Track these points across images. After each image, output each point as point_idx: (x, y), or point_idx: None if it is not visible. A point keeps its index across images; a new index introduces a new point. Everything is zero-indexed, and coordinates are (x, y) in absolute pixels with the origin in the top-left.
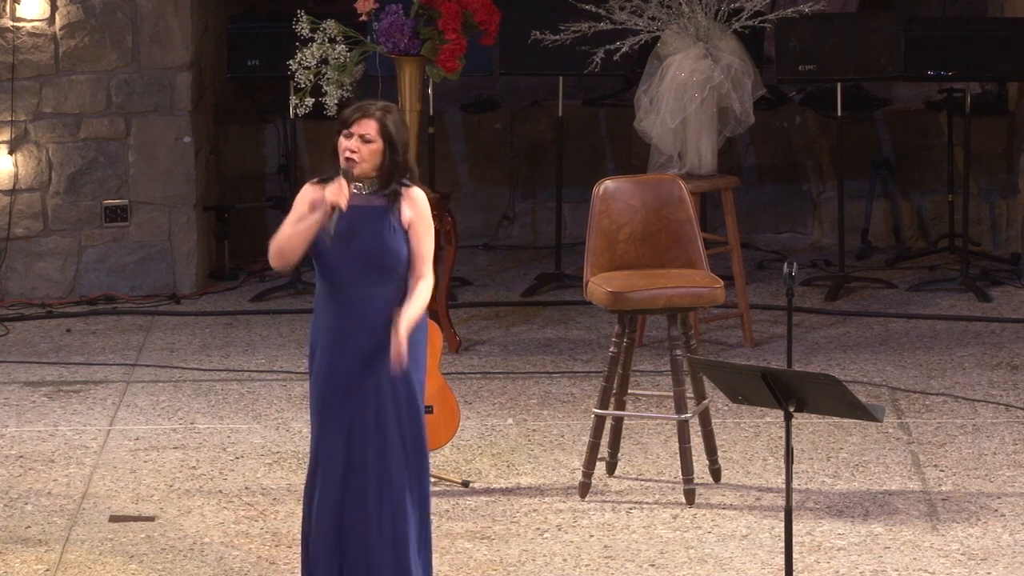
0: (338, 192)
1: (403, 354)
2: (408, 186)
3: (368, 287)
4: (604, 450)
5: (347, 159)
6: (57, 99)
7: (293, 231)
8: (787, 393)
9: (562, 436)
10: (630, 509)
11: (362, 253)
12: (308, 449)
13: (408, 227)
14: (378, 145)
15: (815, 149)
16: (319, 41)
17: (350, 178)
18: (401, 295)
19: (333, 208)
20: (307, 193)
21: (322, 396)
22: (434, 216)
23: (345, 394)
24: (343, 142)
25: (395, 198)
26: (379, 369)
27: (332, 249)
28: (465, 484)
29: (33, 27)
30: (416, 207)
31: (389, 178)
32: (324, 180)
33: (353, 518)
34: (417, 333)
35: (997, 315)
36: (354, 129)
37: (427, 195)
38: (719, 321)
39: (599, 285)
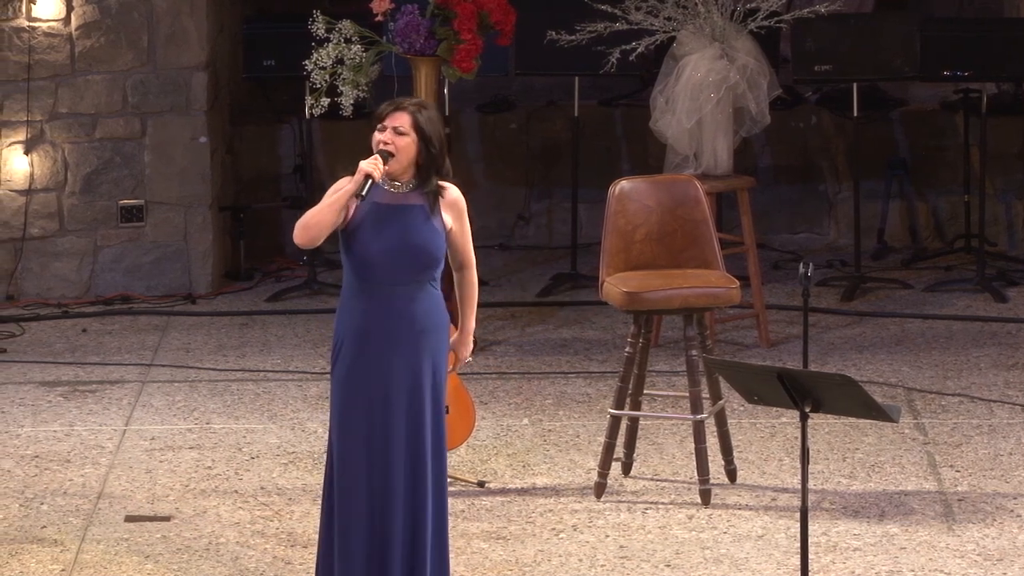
0: (373, 164)
1: (467, 356)
2: (445, 186)
3: (400, 285)
4: (620, 450)
5: (381, 149)
6: (73, 99)
7: (322, 205)
8: (803, 393)
9: (577, 436)
10: (646, 509)
11: (398, 249)
12: (324, 449)
13: (450, 227)
14: (411, 138)
15: (831, 149)
16: (335, 41)
17: (385, 159)
18: (431, 294)
19: (367, 177)
20: (339, 182)
21: (346, 395)
22: None
23: (371, 393)
24: (377, 136)
25: (434, 199)
26: (408, 369)
27: (368, 243)
28: (481, 484)
29: (49, 27)
30: (455, 208)
31: (427, 175)
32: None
33: (380, 520)
34: (443, 334)
35: (1013, 315)
36: (387, 122)
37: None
38: (735, 321)
39: (615, 285)
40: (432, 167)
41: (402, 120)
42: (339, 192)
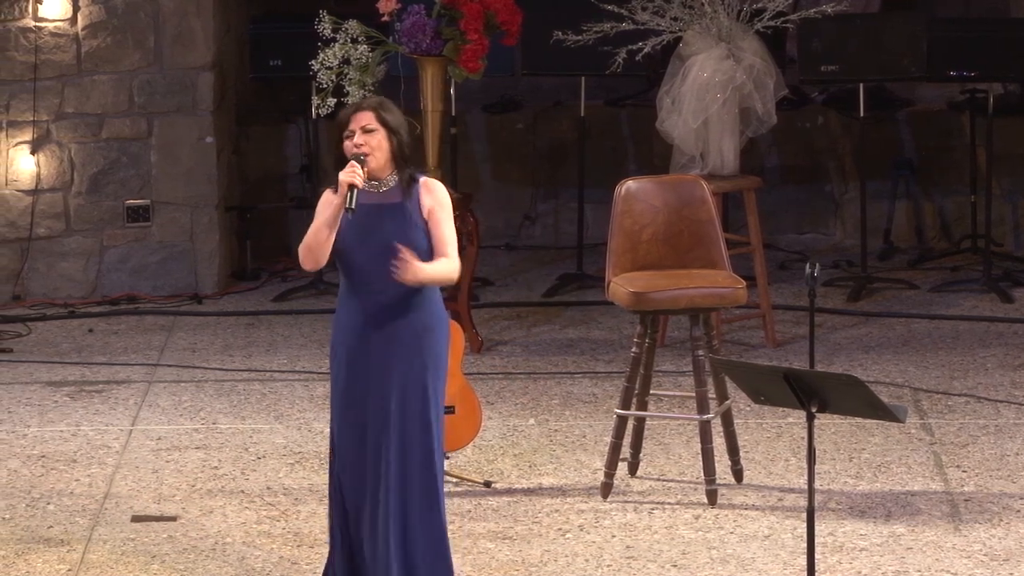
0: (351, 173)
1: (413, 266)
2: (427, 181)
3: (392, 285)
4: (626, 450)
5: (355, 153)
6: (79, 99)
7: (316, 225)
8: (809, 393)
9: (584, 436)
10: (652, 510)
11: (383, 249)
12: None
13: (428, 217)
14: (381, 133)
15: (837, 150)
16: (341, 41)
17: (362, 163)
18: (426, 294)
19: (350, 187)
20: (325, 198)
21: (341, 397)
22: (456, 216)
23: (363, 395)
24: (347, 144)
25: (411, 186)
26: (403, 369)
27: (353, 247)
28: (487, 484)
29: (55, 27)
30: (435, 195)
31: (403, 166)
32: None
33: (368, 518)
34: (439, 334)
35: (1020, 316)
36: (353, 126)
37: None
38: (741, 321)
39: (621, 285)
40: (404, 157)
41: (367, 119)
42: (329, 208)
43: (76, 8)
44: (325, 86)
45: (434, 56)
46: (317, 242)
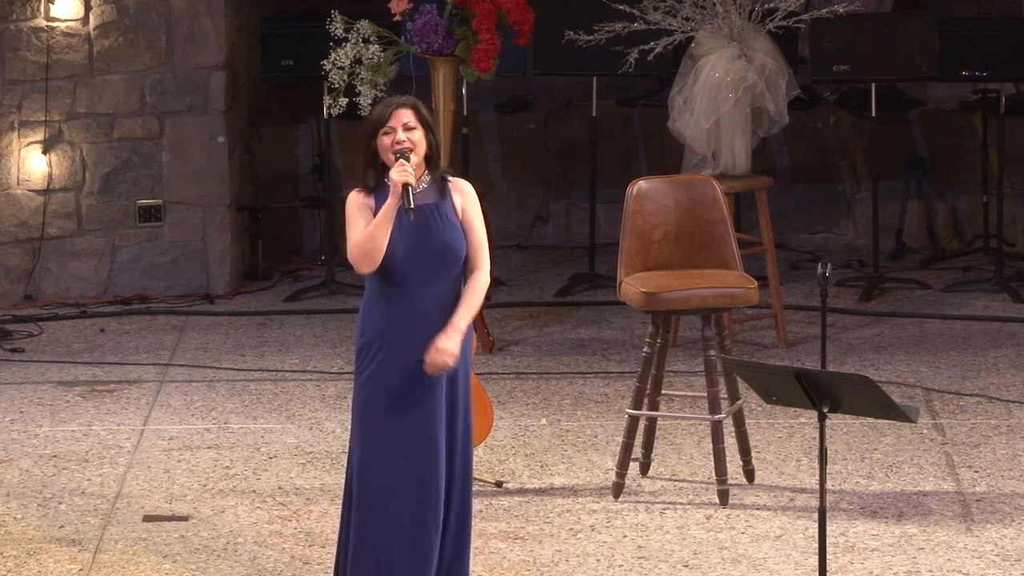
0: (403, 172)
1: (452, 353)
2: (455, 181)
3: (427, 285)
4: (638, 450)
5: (398, 150)
6: (91, 99)
7: (371, 228)
8: (821, 394)
9: (595, 436)
10: (664, 510)
11: (421, 250)
12: (342, 449)
13: (462, 217)
14: (421, 131)
15: (849, 149)
16: (353, 41)
17: (408, 160)
18: (456, 293)
19: (405, 187)
20: (357, 200)
21: (372, 398)
22: None
23: (399, 395)
24: (386, 140)
25: (445, 186)
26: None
27: (392, 248)
28: (499, 484)
29: (67, 27)
30: (467, 196)
31: (435, 166)
32: (366, 186)
33: (416, 521)
34: (467, 335)
35: None
36: (393, 123)
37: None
38: (753, 322)
39: (633, 285)
40: (437, 157)
41: (407, 116)
42: (381, 213)
43: (88, 8)
44: (337, 86)
45: (446, 56)
46: (375, 245)
